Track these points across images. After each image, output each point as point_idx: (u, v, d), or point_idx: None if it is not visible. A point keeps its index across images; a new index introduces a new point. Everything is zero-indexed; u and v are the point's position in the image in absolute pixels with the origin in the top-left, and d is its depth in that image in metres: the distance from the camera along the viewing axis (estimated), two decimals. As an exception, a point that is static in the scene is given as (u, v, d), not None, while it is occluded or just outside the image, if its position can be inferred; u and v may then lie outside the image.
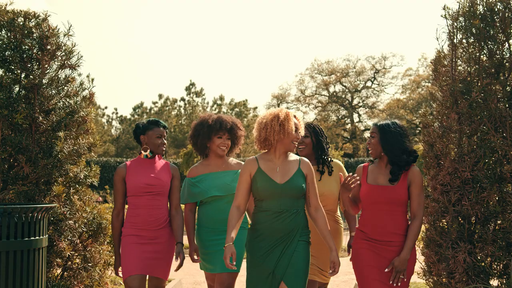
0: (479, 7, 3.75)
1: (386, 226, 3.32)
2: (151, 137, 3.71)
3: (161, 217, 3.68)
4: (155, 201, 3.66)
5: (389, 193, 3.32)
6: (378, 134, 3.37)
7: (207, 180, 3.76)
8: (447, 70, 3.88)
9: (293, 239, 3.18)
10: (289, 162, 3.28)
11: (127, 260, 3.58)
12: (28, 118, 3.88)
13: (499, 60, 3.69)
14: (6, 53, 3.96)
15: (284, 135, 3.18)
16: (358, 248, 3.42)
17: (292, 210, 3.18)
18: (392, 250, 3.31)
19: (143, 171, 3.69)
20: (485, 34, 3.70)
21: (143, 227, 3.62)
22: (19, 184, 3.83)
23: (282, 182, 3.19)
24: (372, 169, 3.47)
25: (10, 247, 3.19)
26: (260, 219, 3.21)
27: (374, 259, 3.32)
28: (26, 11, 4.07)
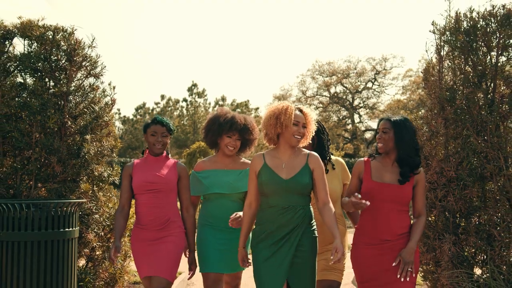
0: (464, 23, 4.17)
1: (390, 225, 3.21)
2: (148, 135, 3.66)
3: (162, 216, 3.57)
4: (155, 199, 3.57)
5: (395, 192, 3.22)
6: (392, 130, 3.24)
7: (211, 177, 3.73)
8: (435, 79, 4.31)
9: (298, 235, 3.12)
10: (297, 158, 3.22)
11: (138, 262, 3.61)
12: (58, 122, 4.31)
13: (482, 71, 4.11)
14: (38, 64, 4.39)
15: (281, 128, 3.15)
16: (359, 255, 3.30)
17: (298, 207, 3.14)
18: (397, 249, 3.20)
19: (147, 169, 3.64)
20: (468, 47, 4.12)
21: (144, 226, 3.58)
22: (50, 182, 4.26)
23: (287, 178, 3.14)
24: (376, 166, 3.34)
25: (46, 237, 3.63)
26: (266, 215, 3.16)
27: (377, 264, 3.20)
28: (55, 26, 4.50)
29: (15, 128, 4.20)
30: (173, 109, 38.08)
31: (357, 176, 3.39)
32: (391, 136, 3.24)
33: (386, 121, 3.31)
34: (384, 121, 3.33)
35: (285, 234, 3.11)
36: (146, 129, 3.70)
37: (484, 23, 4.10)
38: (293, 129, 3.16)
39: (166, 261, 3.52)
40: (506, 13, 4.05)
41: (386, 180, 3.27)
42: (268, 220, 3.15)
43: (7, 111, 4.28)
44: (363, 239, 3.29)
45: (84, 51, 4.54)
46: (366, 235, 3.28)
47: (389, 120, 3.30)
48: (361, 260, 3.28)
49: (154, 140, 3.64)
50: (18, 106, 4.31)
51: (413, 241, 3.20)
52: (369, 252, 3.24)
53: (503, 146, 3.93)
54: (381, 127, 3.31)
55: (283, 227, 3.11)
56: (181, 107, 37.77)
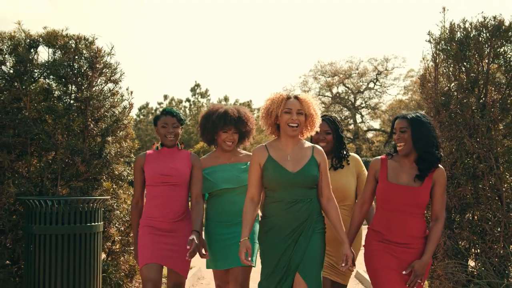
0: (457, 33, 4.50)
1: (405, 228, 3.07)
2: (158, 128, 3.61)
3: (178, 209, 3.53)
4: (172, 192, 3.51)
5: (413, 195, 3.06)
6: (409, 128, 3.07)
7: (217, 172, 3.67)
8: (432, 85, 4.64)
9: (308, 229, 3.04)
10: (302, 150, 3.12)
11: (142, 249, 3.49)
12: (81, 125, 4.65)
13: (474, 77, 4.44)
14: (62, 71, 4.73)
15: (272, 119, 3.08)
16: (372, 250, 3.15)
17: (306, 200, 3.04)
18: (411, 252, 3.08)
19: (161, 161, 3.57)
20: (462, 56, 4.45)
21: (159, 219, 3.50)
22: (74, 180, 4.60)
23: (295, 171, 3.03)
24: (393, 166, 3.17)
25: (74, 231, 3.97)
26: (272, 210, 3.06)
27: (392, 262, 3.07)
28: (78, 35, 4.84)
29: (42, 131, 4.54)
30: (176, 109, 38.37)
31: (373, 176, 3.24)
32: (410, 135, 3.07)
33: (402, 120, 3.14)
34: (400, 119, 3.15)
35: (293, 229, 3.02)
36: (156, 121, 3.65)
37: (476, 33, 4.42)
38: (285, 117, 3.03)
39: (182, 255, 3.44)
40: (497, 24, 4.38)
41: (402, 181, 3.10)
42: (275, 214, 3.04)
43: (34, 115, 4.63)
44: (375, 237, 3.15)
45: (104, 59, 4.87)
46: (378, 235, 3.14)
47: (405, 118, 3.13)
48: (378, 261, 3.10)
49: (166, 132, 3.57)
50: (44, 110, 4.65)
51: (428, 254, 3.05)
52: (385, 255, 3.08)
53: (494, 147, 4.26)
54: (398, 127, 3.13)
55: (291, 221, 3.02)
56: (184, 107, 38.07)
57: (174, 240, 3.51)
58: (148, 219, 3.54)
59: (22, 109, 4.64)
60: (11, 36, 4.77)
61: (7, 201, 4.44)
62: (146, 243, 3.49)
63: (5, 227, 4.46)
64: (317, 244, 3.06)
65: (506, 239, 4.24)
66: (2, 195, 4.44)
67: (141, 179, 3.62)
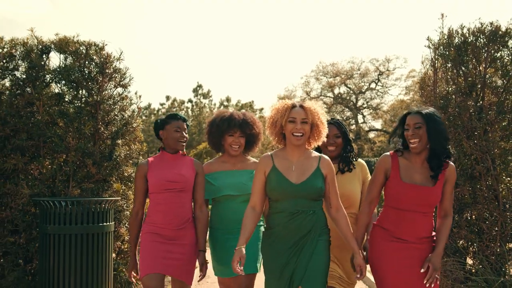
0: (455, 39, 4.66)
1: (416, 227, 3.00)
2: (170, 131, 3.55)
3: (183, 216, 3.49)
4: (177, 198, 3.48)
5: (427, 195, 2.98)
6: (425, 124, 2.96)
7: (221, 178, 3.63)
8: (431, 89, 4.80)
9: (312, 241, 2.95)
10: (307, 160, 3.03)
11: (145, 258, 3.41)
12: (92, 129, 4.82)
13: (472, 81, 4.59)
14: (73, 76, 4.89)
15: (276, 128, 3.05)
16: (379, 250, 3.06)
17: (309, 211, 2.95)
18: (421, 248, 3.01)
19: (165, 167, 3.53)
20: (460, 60, 4.61)
21: (163, 226, 3.45)
22: (85, 182, 4.76)
23: (298, 183, 2.95)
24: (405, 164, 3.06)
25: (87, 231, 4.13)
26: (275, 220, 2.99)
27: (400, 263, 2.98)
28: (88, 42, 5.00)
29: (54, 134, 4.70)
30: (178, 109, 38.46)
31: (383, 173, 3.11)
32: (425, 130, 2.95)
33: (416, 115, 3.00)
34: (414, 115, 3.01)
35: (296, 241, 2.95)
36: (165, 125, 3.58)
37: (474, 39, 4.59)
38: (289, 127, 2.98)
39: (189, 264, 3.48)
40: (494, 29, 4.54)
41: (416, 181, 3.01)
42: (277, 225, 2.98)
43: (47, 119, 4.79)
44: (382, 235, 3.07)
45: (114, 64, 5.03)
46: (386, 233, 3.05)
47: (420, 113, 3.00)
48: (380, 255, 3.04)
49: (179, 136, 3.54)
50: (56, 114, 4.81)
51: (441, 246, 3.00)
52: (388, 246, 3.02)
53: (490, 149, 4.42)
54: (412, 123, 2.99)
55: (294, 233, 2.94)
56: (186, 108, 38.21)
57: (178, 249, 3.45)
58: (151, 225, 3.49)
59: (35, 113, 4.81)
60: (24, 42, 4.94)
61: (21, 202, 4.60)
62: (148, 252, 3.41)
63: (19, 227, 4.63)
64: (321, 257, 2.96)
65: (503, 238, 4.39)
66: (16, 196, 4.60)
67: (143, 188, 3.54)
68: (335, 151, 3.54)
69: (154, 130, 3.67)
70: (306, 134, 3.01)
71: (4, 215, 4.60)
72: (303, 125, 2.99)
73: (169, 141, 3.58)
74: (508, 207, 4.46)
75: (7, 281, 4.52)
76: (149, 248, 3.43)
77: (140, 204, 3.57)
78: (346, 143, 3.61)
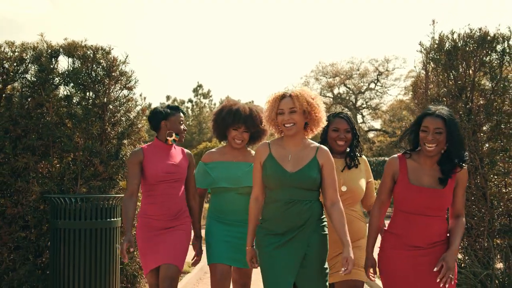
0: (446, 44, 4.89)
1: (426, 232, 2.87)
2: (175, 123, 3.58)
3: (177, 206, 3.52)
4: (172, 189, 3.50)
5: (438, 198, 2.87)
6: (446, 130, 2.81)
7: (219, 169, 3.60)
8: (422, 91, 5.03)
9: (307, 233, 2.89)
10: (305, 150, 2.98)
11: (143, 256, 3.53)
12: (99, 129, 5.05)
13: (461, 84, 4.82)
14: (81, 79, 5.12)
15: (271, 120, 3.01)
16: (390, 257, 2.96)
17: (305, 201, 2.89)
18: (433, 251, 2.88)
19: (160, 158, 3.53)
20: (450, 65, 4.83)
21: (157, 217, 3.48)
22: (93, 179, 4.99)
23: (293, 171, 2.90)
24: (413, 166, 2.94)
25: (95, 226, 4.36)
26: (270, 211, 2.95)
27: (410, 271, 2.87)
28: (95, 46, 5.23)
29: (63, 134, 4.93)
30: (178, 109, 38.74)
31: (391, 176, 3.01)
32: (445, 137, 2.82)
33: (438, 120, 2.82)
34: (435, 119, 2.83)
35: (291, 232, 2.88)
36: (168, 116, 3.59)
37: (463, 44, 4.81)
38: (279, 119, 2.95)
39: (177, 249, 3.46)
40: (482, 35, 4.77)
41: (425, 183, 2.90)
42: (273, 215, 2.93)
43: (56, 120, 5.02)
44: (392, 242, 2.96)
45: (120, 67, 5.26)
46: (397, 239, 2.94)
47: (441, 117, 2.82)
48: (391, 264, 2.94)
49: (183, 129, 3.62)
50: (65, 115, 5.05)
51: (455, 245, 2.86)
52: (399, 255, 2.91)
53: (479, 149, 4.65)
54: (433, 127, 2.82)
55: (289, 224, 2.88)
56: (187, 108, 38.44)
57: (172, 235, 3.47)
58: (145, 217, 3.51)
59: (45, 114, 5.04)
60: (34, 46, 5.17)
61: (32, 198, 4.83)
62: (145, 250, 3.49)
63: (30, 223, 4.86)
64: (318, 246, 2.90)
65: (490, 233, 4.62)
66: (27, 193, 4.83)
67: (138, 172, 3.48)
68: (344, 145, 3.44)
69: (153, 120, 3.60)
70: (298, 123, 2.92)
71: (15, 211, 4.82)
72: (292, 115, 2.91)
73: (173, 132, 3.58)
74: (495, 204, 4.69)
75: (19, 274, 4.75)
76: (144, 247, 3.46)
77: (136, 186, 3.47)
78: (353, 138, 3.50)
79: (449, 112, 2.88)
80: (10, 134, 4.98)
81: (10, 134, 4.98)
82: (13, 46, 5.18)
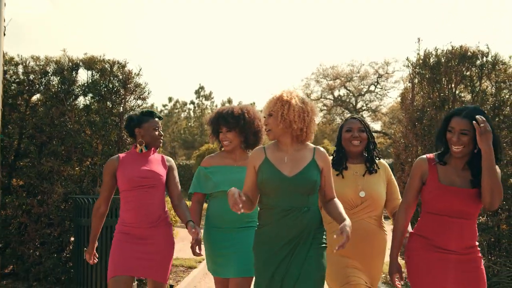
0: (430, 60, 5.41)
1: (457, 235, 2.72)
2: (148, 130, 3.45)
3: (155, 213, 3.36)
4: (148, 195, 3.34)
5: (470, 198, 2.70)
6: (472, 132, 2.65)
7: (220, 173, 3.50)
8: (409, 103, 5.55)
9: (305, 242, 2.70)
10: (301, 151, 2.80)
11: (113, 259, 3.30)
12: (117, 136, 5.57)
13: (444, 97, 5.34)
14: (100, 90, 5.64)
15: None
16: (418, 261, 2.78)
17: (303, 208, 2.70)
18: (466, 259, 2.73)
19: (136, 164, 3.41)
20: (434, 79, 5.35)
21: (133, 225, 3.32)
22: (111, 182, 5.51)
23: (291, 175, 2.72)
24: (443, 167, 2.79)
25: (114, 223, 4.86)
26: (266, 218, 2.76)
27: (442, 276, 2.71)
28: (112, 60, 5.75)
29: (84, 141, 5.45)
30: (181, 111, 39.15)
31: (419, 178, 2.87)
32: (472, 137, 2.67)
33: (464, 121, 2.69)
34: (461, 119, 2.70)
35: (288, 241, 2.70)
36: (141, 123, 3.47)
37: (446, 60, 5.33)
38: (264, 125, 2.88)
39: (161, 263, 3.35)
40: (463, 52, 5.28)
41: (456, 183, 2.74)
42: (269, 223, 2.75)
43: (77, 127, 5.54)
44: (421, 245, 2.80)
45: (135, 80, 5.78)
46: (426, 241, 2.79)
47: (469, 118, 2.67)
48: (420, 266, 2.78)
49: (158, 135, 3.50)
50: (85, 123, 5.57)
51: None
52: (429, 257, 2.75)
53: (459, 155, 5.16)
54: (458, 128, 2.69)
55: (286, 232, 2.70)
56: (189, 109, 38.84)
57: (150, 248, 3.33)
58: (123, 225, 3.37)
59: (67, 122, 5.56)
60: (57, 60, 5.70)
61: (56, 199, 5.35)
62: (117, 253, 3.31)
63: (54, 221, 5.38)
64: (316, 260, 2.71)
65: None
66: (52, 194, 5.36)
67: (110, 183, 3.43)
68: (360, 145, 3.25)
69: (128, 127, 3.53)
70: (274, 128, 2.79)
71: (41, 210, 5.35)
72: (268, 119, 2.81)
73: (146, 139, 3.47)
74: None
75: (45, 267, 5.27)
76: (118, 250, 3.32)
77: (104, 199, 3.44)
78: (369, 141, 3.32)
79: (479, 112, 2.69)
80: (36, 140, 5.51)
81: (35, 140, 5.52)
82: (38, 60, 5.71)
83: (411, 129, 5.41)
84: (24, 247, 5.36)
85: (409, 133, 5.40)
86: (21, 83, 5.67)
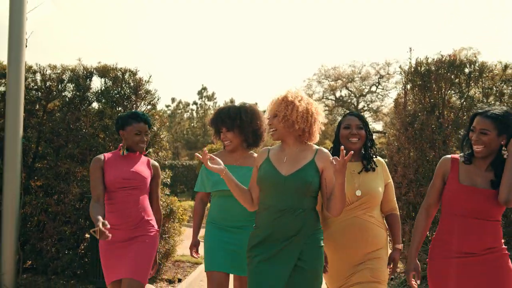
0: (422, 68, 5.78)
1: (479, 237, 2.67)
2: (130, 134, 3.41)
3: (138, 214, 3.34)
4: (131, 197, 3.33)
5: (489, 198, 2.65)
6: (494, 131, 2.62)
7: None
8: (402, 108, 5.92)
9: (299, 244, 2.66)
10: (302, 152, 2.77)
11: (105, 267, 3.39)
12: (128, 139, 5.96)
13: (434, 102, 5.71)
14: (112, 97, 6.03)
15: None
16: (440, 269, 2.75)
17: (298, 210, 2.65)
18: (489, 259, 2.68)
19: (120, 165, 3.38)
20: (425, 86, 5.73)
21: (118, 227, 3.28)
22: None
23: (287, 174, 2.69)
24: (466, 167, 2.75)
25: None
26: (261, 219, 2.75)
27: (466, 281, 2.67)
28: (124, 68, 6.14)
29: (98, 144, 5.85)
30: (183, 111, 39.49)
31: (441, 177, 2.83)
32: (493, 137, 2.63)
33: (485, 120, 2.65)
34: (483, 118, 2.66)
35: (282, 242, 2.67)
36: (125, 126, 3.44)
37: (436, 68, 5.70)
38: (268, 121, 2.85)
39: (139, 262, 3.28)
40: (452, 60, 5.66)
41: (477, 184, 2.69)
42: (263, 224, 2.73)
43: (92, 131, 5.94)
44: (442, 251, 2.76)
45: (145, 87, 6.16)
46: (447, 247, 2.74)
47: (491, 118, 2.64)
48: (441, 273, 2.75)
49: (139, 140, 3.43)
50: (99, 128, 5.96)
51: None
52: (449, 264, 2.71)
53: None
54: (479, 127, 2.66)
55: (280, 233, 2.67)
56: (191, 110, 39.13)
57: (132, 247, 3.31)
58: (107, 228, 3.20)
59: (82, 127, 5.95)
60: (72, 68, 6.09)
61: (72, 198, 5.75)
62: (106, 262, 3.37)
63: (71, 219, 5.77)
64: (311, 264, 2.68)
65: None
66: (69, 194, 5.75)
67: (101, 177, 3.31)
68: (358, 143, 3.19)
69: (115, 127, 3.55)
70: (279, 129, 2.76)
71: (58, 209, 5.74)
72: (273, 120, 2.78)
73: (128, 143, 3.45)
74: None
75: (62, 262, 5.67)
76: (106, 257, 3.37)
77: (101, 191, 3.28)
78: (367, 138, 3.26)
79: (504, 111, 2.66)
80: (53, 144, 5.91)
81: (53, 144, 5.91)
82: (55, 68, 6.10)
83: (403, 133, 5.78)
84: (43, 243, 5.74)
85: (402, 136, 5.77)
86: (39, 90, 6.07)
